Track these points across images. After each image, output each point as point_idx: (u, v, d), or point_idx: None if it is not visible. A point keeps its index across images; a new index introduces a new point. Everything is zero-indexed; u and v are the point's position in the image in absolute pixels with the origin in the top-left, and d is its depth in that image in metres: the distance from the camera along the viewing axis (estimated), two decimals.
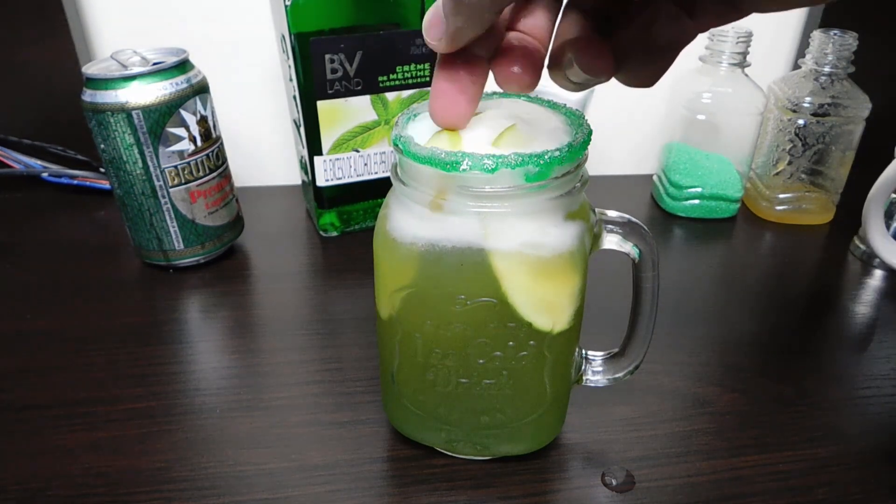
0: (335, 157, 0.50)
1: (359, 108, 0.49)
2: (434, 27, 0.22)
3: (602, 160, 0.68)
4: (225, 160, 0.49)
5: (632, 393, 0.37)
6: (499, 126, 0.26)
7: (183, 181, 0.45)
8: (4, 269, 0.49)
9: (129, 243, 0.49)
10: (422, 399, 0.31)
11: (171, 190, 0.45)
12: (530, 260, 0.26)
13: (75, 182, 0.59)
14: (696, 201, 0.57)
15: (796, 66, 0.61)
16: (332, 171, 0.51)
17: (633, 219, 0.29)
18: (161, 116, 0.42)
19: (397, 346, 0.30)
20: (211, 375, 0.39)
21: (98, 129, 0.43)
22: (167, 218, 0.46)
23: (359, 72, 0.47)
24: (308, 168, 0.51)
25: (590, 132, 0.26)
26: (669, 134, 0.58)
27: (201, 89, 0.45)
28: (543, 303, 0.27)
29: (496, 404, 0.30)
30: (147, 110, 0.42)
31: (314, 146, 0.49)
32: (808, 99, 0.52)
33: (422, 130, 0.27)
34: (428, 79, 0.49)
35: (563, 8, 0.24)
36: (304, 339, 0.42)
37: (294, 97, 0.48)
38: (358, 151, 0.51)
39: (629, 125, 0.67)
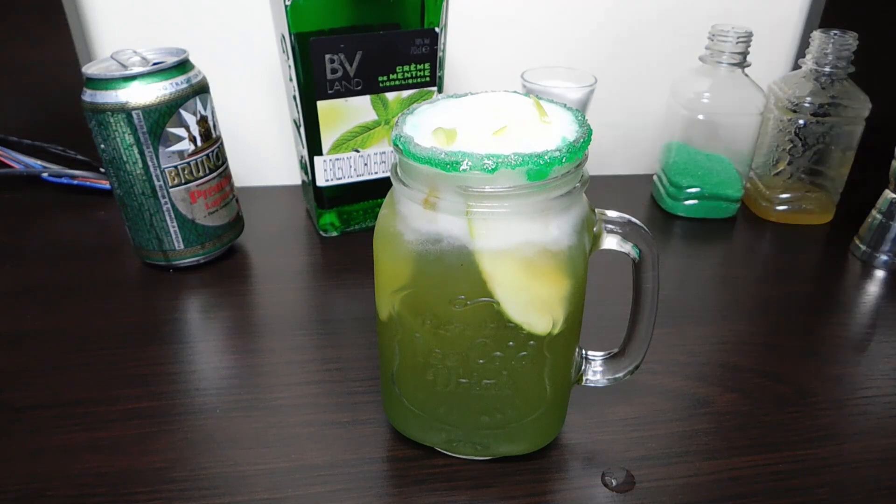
0: (335, 157, 0.50)
1: (359, 108, 0.49)
2: None
3: (602, 160, 0.68)
4: (225, 160, 0.49)
5: (632, 393, 0.37)
6: (494, 125, 0.26)
7: (183, 181, 0.45)
8: (4, 269, 0.49)
9: (129, 243, 0.49)
10: (422, 399, 0.31)
11: (171, 190, 0.45)
12: (530, 260, 0.26)
13: (75, 182, 0.59)
14: (696, 201, 0.57)
15: (796, 66, 0.61)
16: (332, 171, 0.51)
17: (633, 219, 0.29)
18: (161, 116, 0.42)
19: (397, 347, 0.30)
20: (211, 375, 0.39)
21: (98, 129, 0.43)
22: (167, 218, 0.46)
23: (359, 72, 0.47)
24: (308, 168, 0.51)
25: (590, 132, 0.26)
26: (669, 134, 0.58)
27: (201, 89, 0.45)
28: (544, 303, 0.27)
29: (496, 404, 0.30)
30: (147, 110, 0.42)
31: (314, 146, 0.49)
32: (808, 99, 0.52)
33: (420, 126, 0.27)
34: (428, 79, 0.49)
35: None
36: (304, 339, 0.42)
37: (294, 97, 0.48)
38: (358, 151, 0.51)
39: (629, 125, 0.67)
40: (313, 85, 0.46)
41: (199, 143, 0.45)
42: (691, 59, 0.56)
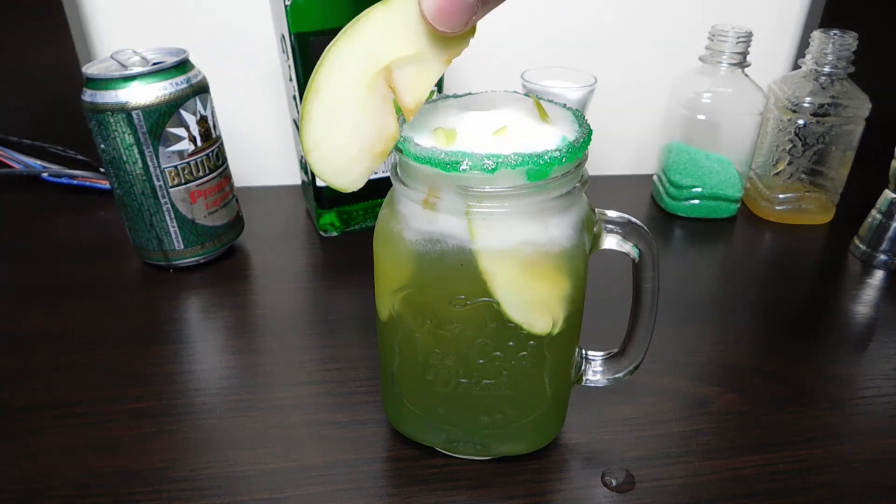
0: None
1: None
2: (455, 15, 0.22)
3: (602, 160, 0.68)
4: (225, 160, 0.49)
5: (632, 393, 0.37)
6: (494, 125, 0.26)
7: (183, 181, 0.45)
8: (4, 269, 0.49)
9: (129, 243, 0.49)
10: (422, 399, 0.31)
11: (171, 190, 0.45)
12: (530, 260, 0.26)
13: (75, 182, 0.59)
14: (696, 201, 0.57)
15: (796, 66, 0.61)
16: None
17: (633, 219, 0.29)
18: (161, 116, 0.42)
19: (397, 347, 0.30)
20: (211, 375, 0.39)
21: (98, 129, 0.43)
22: (167, 218, 0.46)
23: None
24: (308, 168, 0.51)
25: (590, 132, 0.26)
26: (669, 134, 0.58)
27: (201, 89, 0.45)
28: (544, 303, 0.27)
29: (496, 404, 0.30)
30: (147, 110, 0.42)
31: None
32: (808, 99, 0.52)
33: (420, 126, 0.27)
34: None
35: None
36: (304, 339, 0.42)
37: (294, 97, 0.48)
38: None
39: (629, 125, 0.67)
40: None
41: (199, 143, 0.45)
42: (691, 59, 0.56)
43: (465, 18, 0.23)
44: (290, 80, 0.48)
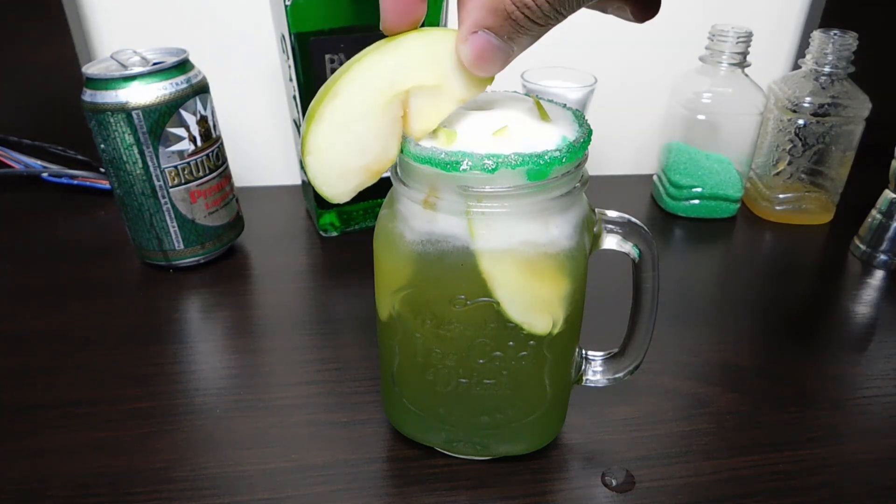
0: None
1: None
2: (491, 62, 0.24)
3: (602, 160, 0.68)
4: (225, 160, 0.49)
5: (632, 393, 0.37)
6: (495, 125, 0.26)
7: (183, 181, 0.45)
8: (4, 269, 0.49)
9: (129, 243, 0.49)
10: (422, 399, 0.31)
11: (171, 190, 0.45)
12: (530, 260, 0.26)
13: (75, 182, 0.59)
14: (696, 201, 0.57)
15: (796, 66, 0.61)
16: None
17: (633, 219, 0.29)
18: (161, 116, 0.42)
19: (397, 347, 0.30)
20: (211, 375, 0.39)
21: (98, 129, 0.43)
22: (167, 218, 0.46)
23: None
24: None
25: (590, 132, 0.26)
26: (669, 134, 0.58)
27: (201, 89, 0.45)
28: (544, 303, 0.27)
29: (496, 404, 0.30)
30: (147, 110, 0.42)
31: None
32: (808, 99, 0.52)
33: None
34: None
35: None
36: (304, 339, 0.42)
37: (294, 97, 0.48)
38: None
39: (629, 125, 0.67)
40: (313, 85, 0.46)
41: (199, 143, 0.45)
42: (691, 59, 0.56)
43: (500, 63, 0.24)
44: (290, 80, 0.48)
